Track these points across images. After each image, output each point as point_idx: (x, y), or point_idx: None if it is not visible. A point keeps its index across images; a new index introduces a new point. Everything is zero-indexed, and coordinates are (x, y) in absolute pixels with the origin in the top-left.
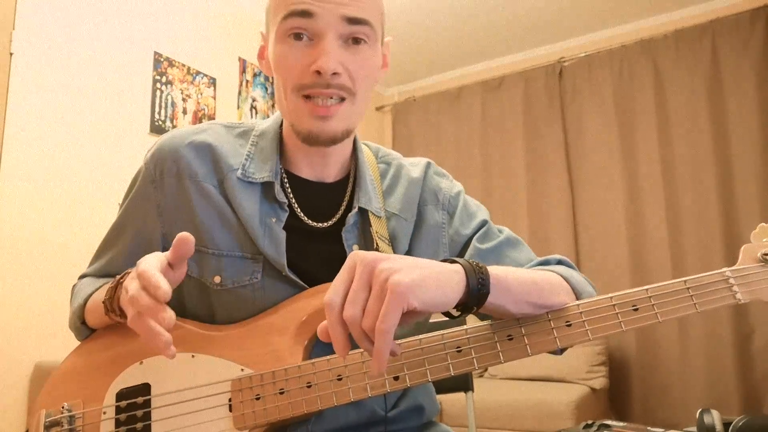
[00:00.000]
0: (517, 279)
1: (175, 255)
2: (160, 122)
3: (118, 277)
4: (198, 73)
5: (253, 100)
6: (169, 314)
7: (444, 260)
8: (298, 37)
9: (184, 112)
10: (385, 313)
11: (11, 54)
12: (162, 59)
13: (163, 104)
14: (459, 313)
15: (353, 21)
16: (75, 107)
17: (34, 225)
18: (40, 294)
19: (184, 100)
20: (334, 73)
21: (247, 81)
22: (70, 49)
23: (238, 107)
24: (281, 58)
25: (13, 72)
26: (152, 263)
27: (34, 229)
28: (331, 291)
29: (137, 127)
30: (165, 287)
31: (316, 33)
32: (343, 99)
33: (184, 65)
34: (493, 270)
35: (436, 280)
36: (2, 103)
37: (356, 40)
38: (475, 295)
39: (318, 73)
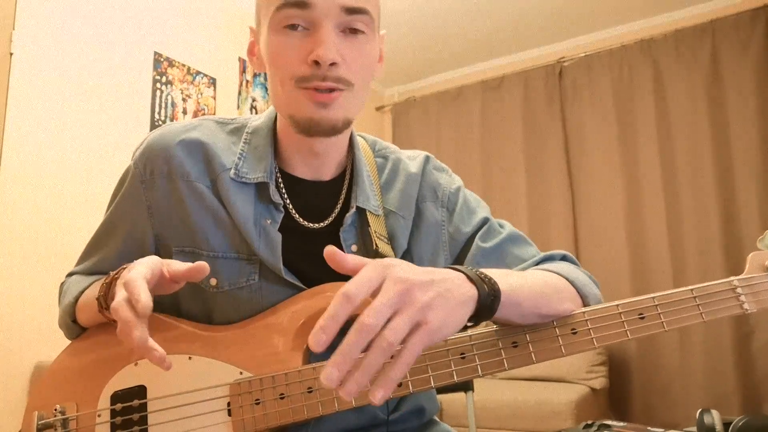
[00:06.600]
0: (527, 293)
1: (185, 276)
2: (160, 122)
3: (113, 273)
4: (198, 73)
5: (253, 100)
6: (140, 333)
7: (459, 270)
8: (293, 27)
9: (184, 112)
10: (412, 349)
11: (11, 54)
12: (162, 59)
13: (163, 104)
14: None
15: (352, 10)
16: (75, 107)
17: (34, 225)
18: (40, 294)
19: (184, 100)
20: (332, 64)
21: (247, 81)
22: (70, 49)
23: (238, 107)
24: (276, 50)
25: (13, 72)
26: (140, 272)
27: (34, 229)
28: (370, 311)
29: (137, 127)
30: (145, 301)
31: (312, 22)
32: (341, 90)
33: (184, 65)
34: (504, 286)
35: (458, 314)
36: (2, 103)
37: (354, 31)
38: (481, 316)
39: (316, 63)
